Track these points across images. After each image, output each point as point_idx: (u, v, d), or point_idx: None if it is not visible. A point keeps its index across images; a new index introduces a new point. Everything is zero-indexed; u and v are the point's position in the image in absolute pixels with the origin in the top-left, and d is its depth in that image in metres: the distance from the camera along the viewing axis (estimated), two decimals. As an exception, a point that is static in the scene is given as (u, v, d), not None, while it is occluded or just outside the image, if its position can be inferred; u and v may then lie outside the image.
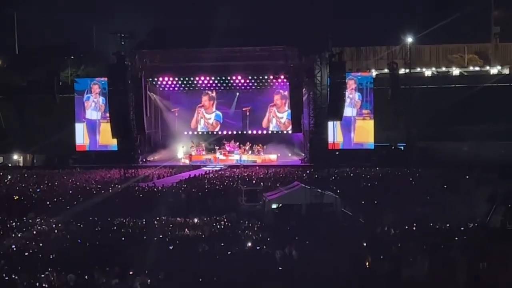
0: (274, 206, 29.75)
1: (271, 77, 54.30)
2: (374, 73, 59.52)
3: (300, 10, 60.36)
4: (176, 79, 55.69)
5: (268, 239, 23.57)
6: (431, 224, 25.85)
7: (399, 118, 54.65)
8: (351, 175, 43.84)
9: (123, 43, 45.55)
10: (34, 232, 25.68)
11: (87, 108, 56.27)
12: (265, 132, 58.28)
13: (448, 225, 25.63)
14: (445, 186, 35.47)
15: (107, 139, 51.02)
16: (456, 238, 22.80)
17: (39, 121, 57.58)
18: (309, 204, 28.95)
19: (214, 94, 58.68)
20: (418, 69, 62.70)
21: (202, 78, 55.22)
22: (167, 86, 57.17)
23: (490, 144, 50.65)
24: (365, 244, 21.94)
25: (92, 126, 56.15)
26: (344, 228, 25.93)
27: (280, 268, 19.18)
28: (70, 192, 36.66)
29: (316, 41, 46.82)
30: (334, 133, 50.65)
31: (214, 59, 50.69)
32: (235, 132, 58.26)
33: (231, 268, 19.04)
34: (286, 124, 57.19)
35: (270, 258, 20.62)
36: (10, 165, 57.47)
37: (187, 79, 55.69)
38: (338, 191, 32.48)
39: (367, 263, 19.45)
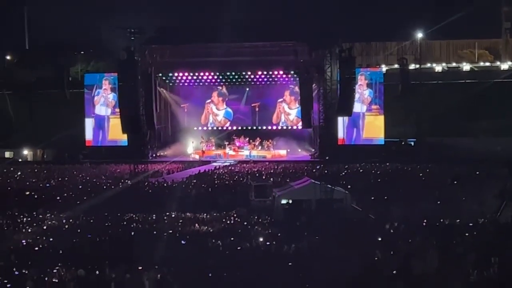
0: (284, 201, 29.68)
1: (281, 72, 54.11)
2: (384, 68, 59.29)
3: (310, 5, 60.21)
4: (186, 74, 55.54)
5: (278, 234, 23.58)
6: (441, 220, 25.77)
7: (409, 113, 54.49)
8: (361, 170, 43.70)
9: (133, 38, 45.45)
10: (44, 227, 25.81)
11: (96, 104, 56.23)
12: (275, 127, 58.20)
13: (458, 220, 25.56)
14: (455, 182, 35.33)
15: (116, 134, 50.98)
16: (467, 234, 22.72)
17: (49, 117, 57.70)
18: (319, 199, 28.93)
19: (224, 90, 58.58)
20: (428, 65, 62.41)
21: (212, 73, 55.11)
22: (177, 81, 57.15)
23: (501, 140, 50.43)
24: (376, 240, 21.90)
25: (101, 121, 56.06)
26: (354, 223, 25.87)
27: (290, 264, 19.16)
28: (80, 187, 36.81)
29: (326, 36, 46.72)
30: (344, 129, 50.72)
31: (224, 55, 50.71)
32: (245, 128, 58.21)
33: (241, 264, 19.03)
34: (294, 121, 57.11)
35: (280, 253, 20.62)
36: (20, 160, 57.52)
37: (197, 74, 55.55)
38: (348, 186, 32.46)
39: (377, 259, 19.42)
